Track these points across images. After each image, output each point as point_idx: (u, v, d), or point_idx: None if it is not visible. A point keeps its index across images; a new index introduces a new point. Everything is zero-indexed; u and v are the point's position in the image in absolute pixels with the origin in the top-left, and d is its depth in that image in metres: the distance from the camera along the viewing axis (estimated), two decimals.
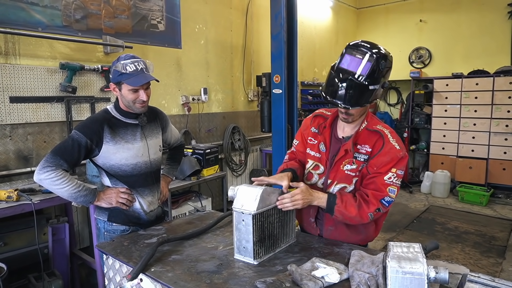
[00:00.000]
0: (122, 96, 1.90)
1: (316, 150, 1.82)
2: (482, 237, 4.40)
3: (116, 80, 1.86)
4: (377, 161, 1.63)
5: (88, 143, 1.82)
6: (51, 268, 2.80)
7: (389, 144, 1.63)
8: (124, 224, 2.00)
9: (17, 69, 2.90)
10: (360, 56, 1.49)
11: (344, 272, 1.38)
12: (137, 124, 1.98)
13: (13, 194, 2.35)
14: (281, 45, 4.07)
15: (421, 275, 1.16)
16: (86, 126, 1.86)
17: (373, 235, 1.84)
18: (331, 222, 1.78)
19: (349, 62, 1.50)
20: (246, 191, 1.56)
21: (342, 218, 1.63)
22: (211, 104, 4.70)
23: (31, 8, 2.96)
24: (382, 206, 1.60)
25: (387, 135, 1.66)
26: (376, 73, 1.49)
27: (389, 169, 1.61)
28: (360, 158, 1.68)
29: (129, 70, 1.82)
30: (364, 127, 1.70)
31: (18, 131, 2.96)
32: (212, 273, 1.45)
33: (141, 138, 1.99)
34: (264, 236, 1.57)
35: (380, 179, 1.61)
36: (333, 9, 6.99)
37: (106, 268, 1.78)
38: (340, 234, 1.79)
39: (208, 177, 3.92)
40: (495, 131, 6.03)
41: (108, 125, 1.89)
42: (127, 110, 1.95)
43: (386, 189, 1.60)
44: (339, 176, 1.71)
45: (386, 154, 1.62)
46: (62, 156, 1.78)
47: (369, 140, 1.68)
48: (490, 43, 6.32)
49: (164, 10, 4.01)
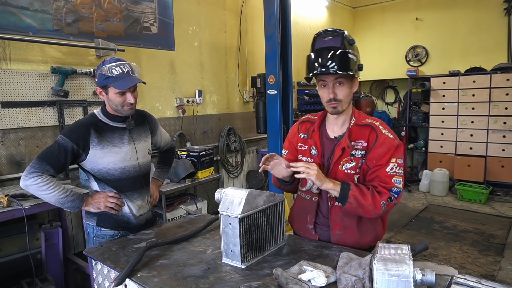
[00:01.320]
0: (109, 100, 1.88)
1: (308, 155, 1.80)
2: (480, 235, 4.37)
3: (102, 84, 1.84)
4: (375, 153, 1.63)
5: (74, 147, 1.80)
6: (44, 273, 2.78)
7: (382, 135, 1.64)
8: (113, 228, 1.98)
9: (8, 74, 2.89)
10: (330, 36, 1.63)
11: (332, 275, 1.35)
12: (124, 128, 1.97)
13: (3, 200, 2.34)
14: (275, 46, 4.06)
15: (407, 277, 1.14)
16: (72, 130, 1.85)
17: (381, 233, 1.81)
18: (339, 226, 1.72)
19: (323, 42, 1.63)
20: (231, 194, 1.54)
21: (355, 204, 1.58)
22: (206, 106, 4.69)
23: (21, 12, 2.94)
24: (393, 197, 1.60)
25: (378, 126, 1.68)
26: (348, 44, 1.61)
27: (388, 160, 1.61)
28: (357, 154, 1.67)
29: (115, 73, 1.80)
30: (354, 123, 1.70)
31: (10, 136, 2.94)
32: (198, 278, 1.43)
33: (129, 141, 1.97)
34: (251, 239, 1.55)
35: (382, 171, 1.61)
36: (328, 8, 6.98)
37: (95, 274, 1.76)
38: (350, 237, 1.72)
39: (203, 179, 3.91)
40: (493, 128, 6.00)
41: (95, 129, 1.87)
42: (115, 114, 1.93)
43: (392, 180, 1.60)
44: (340, 177, 1.67)
45: (381, 145, 1.62)
46: (48, 161, 1.76)
47: (362, 134, 1.68)
48: (487, 40, 6.29)
49: (157, 13, 4.00)
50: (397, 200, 1.61)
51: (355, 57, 1.62)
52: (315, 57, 1.63)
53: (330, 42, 1.61)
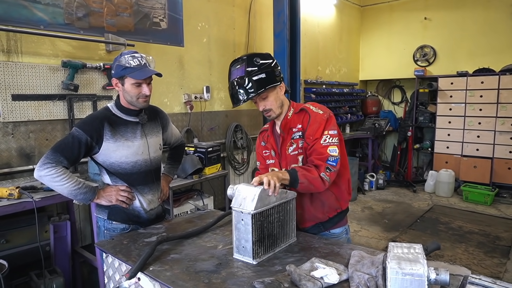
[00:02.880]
0: (124, 91, 1.90)
1: (271, 158, 1.98)
2: (486, 237, 4.36)
3: (119, 74, 1.86)
4: (310, 131, 1.78)
5: (88, 140, 1.82)
6: (53, 265, 2.81)
7: (313, 113, 1.82)
8: (123, 222, 2.00)
9: (19, 67, 2.90)
10: (238, 65, 1.79)
11: (344, 272, 1.36)
12: (137, 122, 1.99)
13: (14, 191, 2.35)
14: (284, 43, 4.06)
15: (421, 276, 1.14)
16: (86, 123, 1.87)
17: (341, 202, 1.92)
18: (298, 206, 1.81)
19: (233, 75, 1.80)
20: (245, 190, 1.55)
21: (307, 182, 1.69)
22: (213, 102, 4.69)
23: (33, 6, 2.96)
24: (330, 166, 1.73)
25: (310, 107, 1.85)
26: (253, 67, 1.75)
27: (321, 133, 1.76)
28: (295, 136, 1.84)
29: (132, 64, 1.83)
30: (292, 113, 1.89)
31: (20, 128, 2.96)
32: (210, 273, 1.44)
33: (141, 136, 1.99)
34: (263, 236, 1.55)
35: (317, 145, 1.76)
36: (337, 6, 6.94)
37: (105, 267, 1.78)
38: (307, 212, 1.89)
39: (210, 176, 3.91)
40: (500, 130, 5.97)
41: (109, 122, 1.89)
42: (128, 107, 1.95)
43: (327, 151, 1.74)
44: (288, 160, 1.86)
45: (314, 122, 1.79)
46: (62, 153, 1.78)
47: (298, 119, 1.86)
48: (495, 41, 6.24)
49: (167, 8, 4.00)
50: (336, 167, 1.74)
51: (264, 73, 1.75)
52: (230, 91, 1.81)
53: (235, 73, 1.78)
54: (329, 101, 6.56)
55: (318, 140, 1.76)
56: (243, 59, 1.80)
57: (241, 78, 1.75)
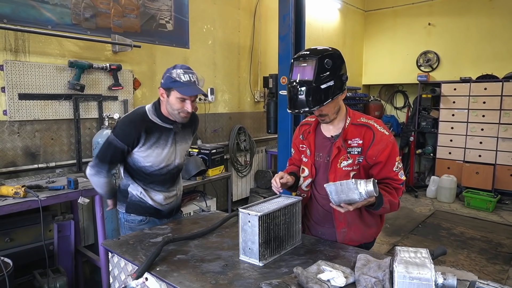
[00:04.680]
0: (168, 103, 1.92)
1: (305, 156, 1.90)
2: (488, 244, 4.35)
3: (167, 86, 1.89)
4: (374, 150, 1.69)
5: (126, 148, 1.93)
6: (56, 264, 2.82)
7: (379, 132, 1.72)
8: (140, 214, 2.08)
9: (27, 66, 2.92)
10: (304, 64, 1.62)
11: (350, 276, 1.37)
12: (171, 129, 2.02)
13: (20, 190, 2.36)
14: (289, 47, 4.06)
15: (429, 281, 1.15)
16: (125, 133, 1.93)
17: (381, 226, 1.91)
18: (343, 224, 1.78)
19: (297, 73, 1.64)
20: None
21: (388, 207, 1.68)
22: (217, 104, 4.71)
23: (41, 6, 2.98)
24: (403, 190, 1.76)
25: (374, 125, 1.74)
26: (323, 72, 1.59)
27: (388, 156, 1.69)
28: (353, 151, 1.73)
29: (182, 80, 1.86)
30: (349, 122, 1.77)
31: (26, 127, 2.98)
32: (217, 274, 1.45)
33: (172, 143, 2.04)
34: (269, 238, 1.56)
35: (391, 172, 1.72)
36: (341, 11, 6.97)
37: (111, 266, 1.79)
38: (355, 232, 1.80)
39: (213, 177, 3.92)
40: (503, 136, 5.97)
41: (145, 130, 1.94)
42: (167, 116, 1.99)
43: (399, 177, 1.74)
44: (339, 175, 1.74)
45: (379, 142, 1.69)
46: (106, 161, 1.97)
47: (358, 133, 1.74)
48: (499, 47, 6.25)
49: (173, 10, 4.02)
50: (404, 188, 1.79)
51: (333, 80, 1.61)
52: (289, 91, 1.66)
53: (302, 73, 1.61)
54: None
55: (388, 166, 1.71)
56: (311, 57, 1.61)
57: (309, 83, 1.58)
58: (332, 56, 1.63)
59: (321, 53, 1.62)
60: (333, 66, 1.61)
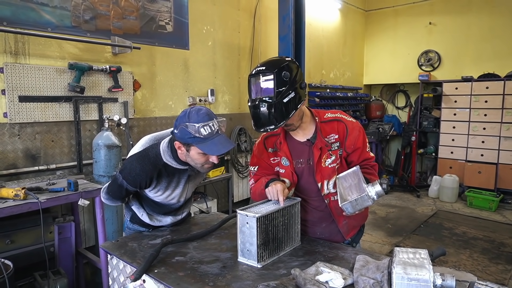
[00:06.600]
0: (188, 156, 1.70)
1: (280, 166, 1.85)
2: (490, 243, 4.33)
3: (185, 141, 1.63)
4: (351, 139, 1.79)
5: (134, 190, 1.84)
6: (57, 266, 2.82)
7: (348, 122, 1.82)
8: (143, 226, 2.02)
9: (27, 68, 2.93)
10: (262, 80, 1.57)
11: (349, 277, 1.36)
12: (186, 170, 1.85)
13: (20, 192, 2.36)
14: (289, 47, 4.07)
15: (427, 282, 1.14)
16: (135, 179, 1.75)
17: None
18: (343, 217, 1.80)
19: (256, 91, 1.60)
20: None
21: None
22: (218, 105, 4.70)
23: (41, 8, 2.99)
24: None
25: (342, 117, 1.83)
26: (283, 85, 1.56)
27: (363, 141, 1.83)
28: (333, 147, 1.79)
29: (203, 134, 1.59)
30: (318, 121, 1.81)
31: (26, 130, 2.98)
32: (215, 276, 1.44)
33: (185, 183, 1.90)
34: (268, 239, 1.56)
35: (365, 154, 1.85)
36: (341, 11, 6.96)
37: (110, 268, 1.79)
38: (355, 218, 1.85)
39: (214, 179, 3.92)
40: (505, 135, 5.94)
41: (157, 175, 1.78)
42: (185, 161, 1.77)
43: (370, 154, 1.88)
44: (326, 174, 1.78)
45: (352, 130, 1.79)
46: (116, 197, 1.89)
47: (331, 129, 1.80)
48: (500, 46, 6.22)
49: (172, 11, 4.02)
50: None
51: (293, 91, 1.57)
52: (254, 111, 1.60)
53: (262, 89, 1.57)
54: (333, 105, 6.56)
55: (363, 149, 1.83)
56: (268, 73, 1.56)
57: (270, 99, 1.54)
58: (288, 67, 1.59)
59: (277, 66, 1.57)
60: (291, 77, 1.57)
